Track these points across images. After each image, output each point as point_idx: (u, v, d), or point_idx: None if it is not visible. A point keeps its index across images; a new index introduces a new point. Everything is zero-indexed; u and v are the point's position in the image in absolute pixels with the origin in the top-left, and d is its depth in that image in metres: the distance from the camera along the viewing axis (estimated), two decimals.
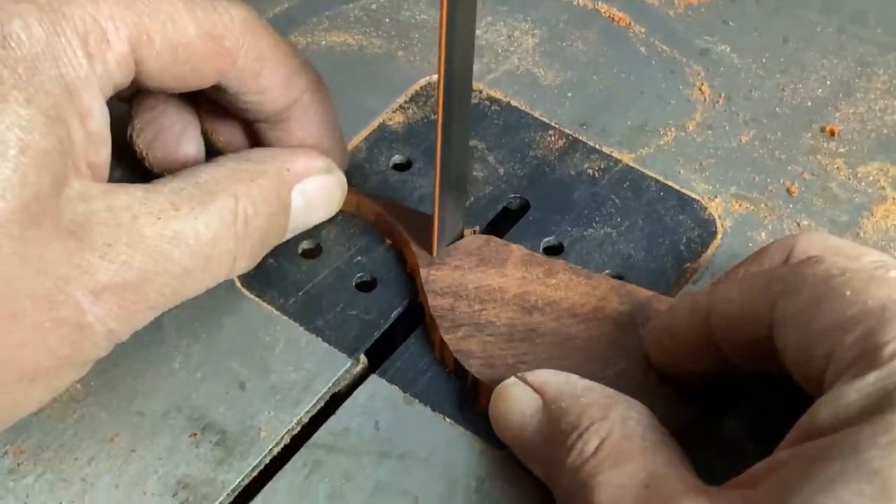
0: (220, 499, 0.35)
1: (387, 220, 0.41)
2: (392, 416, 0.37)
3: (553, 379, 0.35)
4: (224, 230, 0.35)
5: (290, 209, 0.37)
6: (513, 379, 0.35)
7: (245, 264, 0.36)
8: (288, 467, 0.36)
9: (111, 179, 0.34)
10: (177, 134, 0.39)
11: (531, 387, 0.35)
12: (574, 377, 0.35)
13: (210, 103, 0.39)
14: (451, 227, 0.39)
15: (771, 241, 0.41)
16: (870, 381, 0.27)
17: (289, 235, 0.39)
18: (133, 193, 0.33)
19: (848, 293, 0.29)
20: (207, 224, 0.34)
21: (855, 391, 0.27)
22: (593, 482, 0.31)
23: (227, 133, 0.40)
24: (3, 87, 0.30)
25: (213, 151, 0.40)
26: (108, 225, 0.32)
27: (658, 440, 0.32)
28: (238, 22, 0.35)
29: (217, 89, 0.36)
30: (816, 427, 0.28)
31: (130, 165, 0.40)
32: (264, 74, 0.36)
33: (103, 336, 0.32)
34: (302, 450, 0.36)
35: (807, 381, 0.30)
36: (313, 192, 0.38)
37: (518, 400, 0.35)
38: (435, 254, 0.39)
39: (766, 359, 0.32)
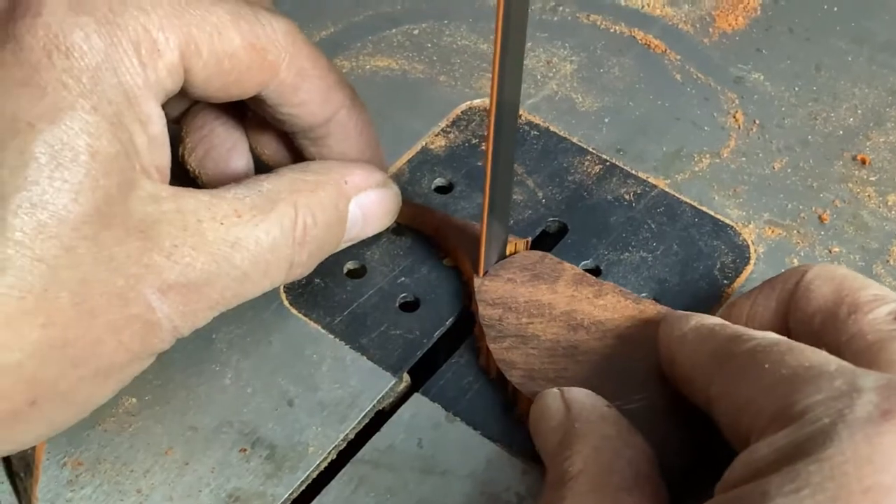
0: None
1: (443, 232, 0.42)
2: (434, 434, 0.38)
3: (582, 399, 0.36)
4: (283, 238, 0.36)
5: (346, 220, 0.39)
6: (553, 389, 0.37)
7: (300, 271, 0.37)
8: (335, 482, 0.37)
9: None
10: (226, 151, 0.40)
11: (563, 401, 0.36)
12: (602, 402, 0.36)
13: (256, 119, 0.40)
14: (496, 247, 0.41)
15: None
16: (780, 437, 0.28)
17: (343, 245, 0.40)
18: (199, 198, 0.34)
19: (767, 366, 0.31)
20: (268, 231, 0.35)
21: (767, 446, 0.28)
22: (563, 497, 0.32)
23: (272, 147, 0.41)
24: (70, 96, 0.31)
25: (260, 167, 0.41)
26: (175, 226, 0.33)
27: (642, 484, 0.33)
28: (281, 35, 0.36)
29: (257, 101, 0.38)
30: (732, 481, 0.29)
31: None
32: (303, 87, 0.38)
33: (169, 332, 0.34)
34: (348, 465, 0.37)
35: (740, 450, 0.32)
36: (370, 204, 0.40)
37: (550, 409, 0.36)
38: (481, 273, 0.40)
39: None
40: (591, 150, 0.47)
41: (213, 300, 0.35)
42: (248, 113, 0.40)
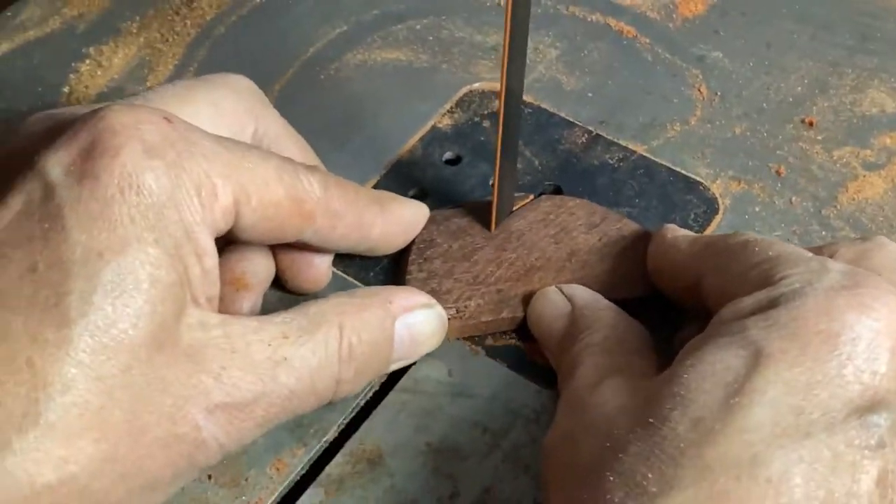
0: (331, 431, 0.43)
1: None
2: (462, 365, 0.45)
3: (581, 292, 0.44)
4: (328, 356, 0.38)
5: (393, 339, 0.41)
6: (551, 287, 0.44)
7: (349, 388, 0.40)
8: (380, 408, 0.43)
9: None
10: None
11: (565, 295, 0.44)
12: (599, 296, 0.44)
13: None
14: (506, 205, 0.48)
15: (764, 214, 0.50)
16: (761, 293, 0.36)
17: (394, 366, 0.42)
18: (247, 324, 0.37)
19: (756, 249, 0.39)
20: (314, 350, 0.38)
21: (750, 298, 0.36)
22: (581, 359, 0.40)
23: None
24: (137, 230, 0.34)
25: None
26: (222, 350, 0.36)
27: (647, 350, 0.41)
28: (317, 187, 0.40)
29: (302, 243, 0.42)
30: (719, 321, 0.36)
31: None
32: (339, 226, 0.42)
33: (215, 450, 0.36)
34: (390, 394, 0.44)
35: None
36: (417, 324, 0.42)
37: (554, 303, 0.44)
38: (493, 229, 0.47)
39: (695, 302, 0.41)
40: (577, 123, 0.54)
41: (260, 418, 0.37)
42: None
